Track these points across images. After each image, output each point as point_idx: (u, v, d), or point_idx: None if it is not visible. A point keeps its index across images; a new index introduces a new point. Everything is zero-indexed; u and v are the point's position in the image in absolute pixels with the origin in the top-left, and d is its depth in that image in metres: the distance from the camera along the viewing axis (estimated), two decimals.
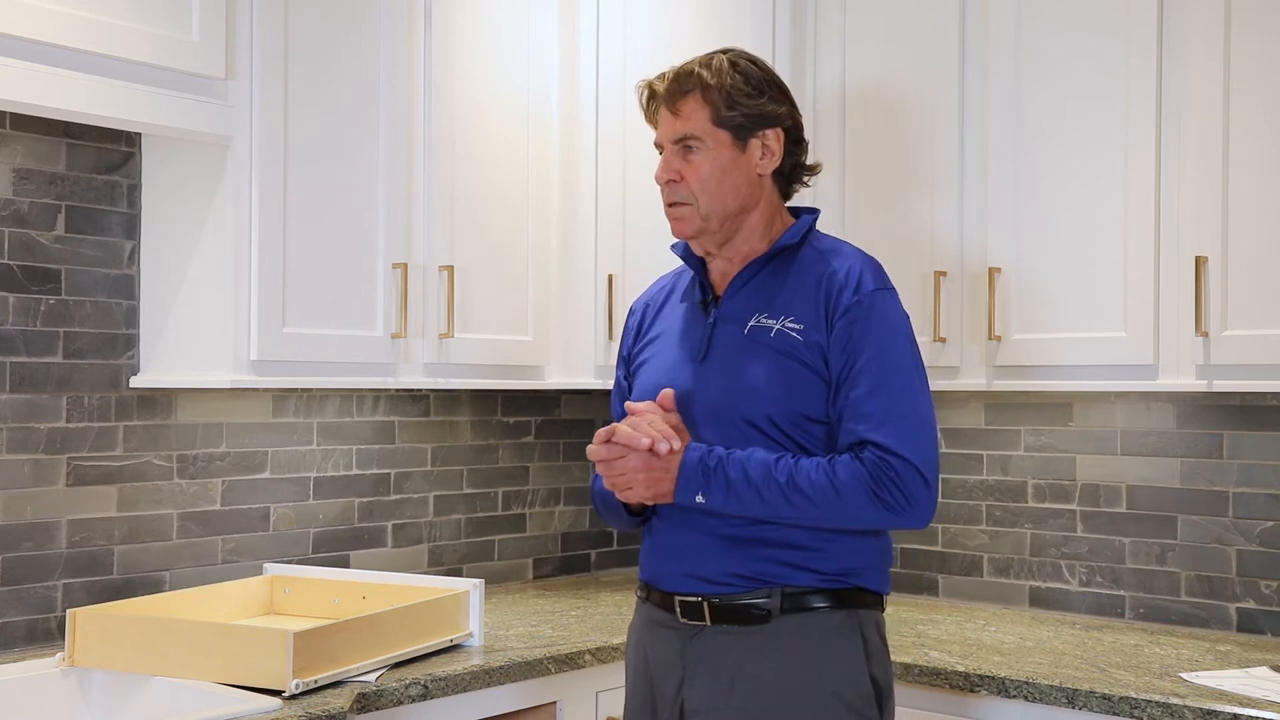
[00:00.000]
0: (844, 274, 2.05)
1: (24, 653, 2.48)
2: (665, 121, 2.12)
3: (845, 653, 2.00)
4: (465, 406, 3.37)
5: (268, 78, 2.55)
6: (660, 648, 2.09)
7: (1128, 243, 2.69)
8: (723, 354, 2.07)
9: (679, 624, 2.06)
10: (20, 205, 2.55)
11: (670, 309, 2.22)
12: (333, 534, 3.08)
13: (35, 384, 2.56)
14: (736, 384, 2.03)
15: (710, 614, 2.02)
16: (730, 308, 2.10)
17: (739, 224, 2.11)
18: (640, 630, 2.16)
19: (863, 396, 1.97)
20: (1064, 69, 2.79)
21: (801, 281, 2.07)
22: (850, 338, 2.00)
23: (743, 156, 2.09)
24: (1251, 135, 2.55)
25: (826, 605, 2.00)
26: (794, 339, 2.02)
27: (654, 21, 3.17)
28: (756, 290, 2.10)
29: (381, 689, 2.28)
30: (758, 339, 2.05)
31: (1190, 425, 2.95)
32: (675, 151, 2.10)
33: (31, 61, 2.22)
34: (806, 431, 2.02)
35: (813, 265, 2.08)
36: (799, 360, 2.01)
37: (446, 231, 2.87)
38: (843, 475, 1.95)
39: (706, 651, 2.02)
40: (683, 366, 2.10)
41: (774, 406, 2.00)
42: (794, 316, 2.03)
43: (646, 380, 2.16)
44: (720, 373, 2.06)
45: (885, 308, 2.03)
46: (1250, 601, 2.87)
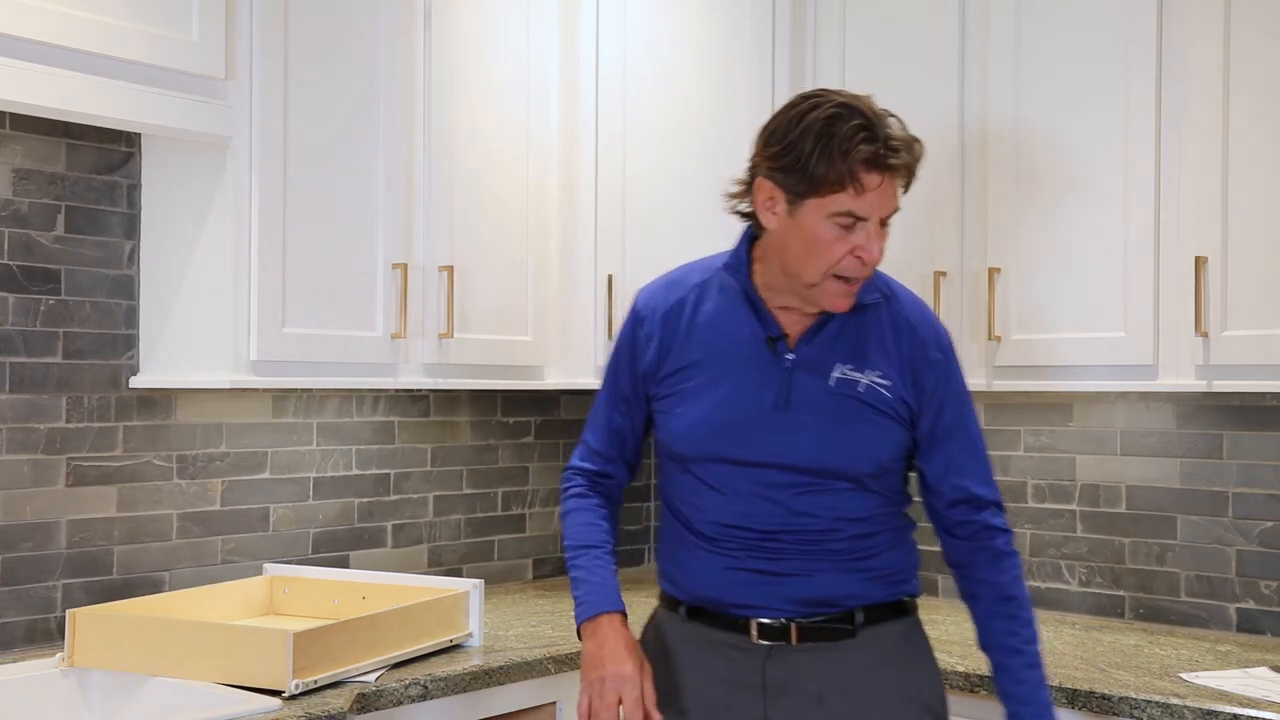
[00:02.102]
0: (922, 328, 2.03)
1: (24, 653, 2.48)
2: (889, 195, 1.89)
3: (919, 657, 2.06)
4: (465, 406, 3.37)
5: (267, 78, 2.55)
6: (724, 667, 2.03)
7: (1128, 243, 2.69)
8: (811, 406, 1.98)
9: (751, 644, 2.02)
10: (20, 205, 2.55)
11: (704, 331, 2.05)
12: (332, 534, 3.08)
13: (35, 384, 2.56)
14: (836, 442, 1.98)
15: (796, 635, 2.01)
16: (808, 354, 1.99)
17: None
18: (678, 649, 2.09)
19: (960, 453, 2.04)
20: (1064, 68, 2.79)
21: (878, 332, 2.01)
22: (938, 395, 2.02)
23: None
24: (1251, 135, 2.55)
25: (893, 615, 2.04)
26: (884, 395, 1.99)
27: (654, 21, 3.17)
28: (835, 338, 2.00)
29: (381, 689, 2.28)
30: (846, 392, 1.98)
31: (1190, 425, 2.95)
32: (879, 229, 1.91)
33: (31, 61, 2.22)
34: (881, 481, 2.03)
35: (884, 314, 2.03)
36: (890, 416, 1.99)
37: (446, 231, 2.87)
38: (1016, 568, 2.06)
39: (790, 669, 2.00)
40: (763, 413, 1.99)
41: (870, 463, 1.99)
42: (880, 371, 2.00)
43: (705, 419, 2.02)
44: (813, 427, 1.98)
45: (958, 363, 2.08)
46: (1250, 602, 2.87)
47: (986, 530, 2.05)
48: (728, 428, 2.00)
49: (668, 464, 2.10)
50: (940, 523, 2.08)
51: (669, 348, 2.06)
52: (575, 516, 2.16)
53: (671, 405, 2.05)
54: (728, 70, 3.17)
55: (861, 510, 2.01)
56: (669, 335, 2.06)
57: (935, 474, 2.05)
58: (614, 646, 2.00)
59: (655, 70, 3.17)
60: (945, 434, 2.03)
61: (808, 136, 1.86)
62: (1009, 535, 2.06)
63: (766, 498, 1.99)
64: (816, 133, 1.85)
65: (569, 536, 2.15)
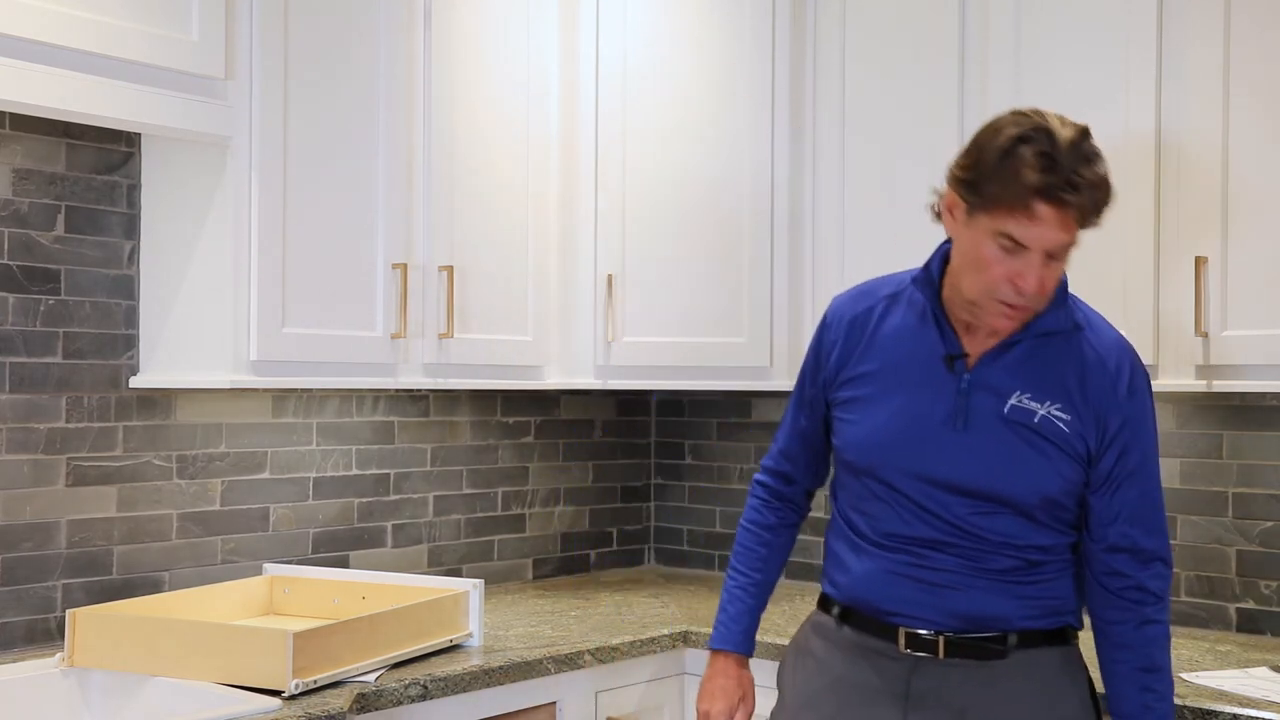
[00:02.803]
0: (1114, 365, 1.99)
1: (24, 653, 2.48)
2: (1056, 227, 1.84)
3: (1072, 689, 2.03)
4: (465, 406, 3.37)
5: (267, 78, 2.55)
6: (868, 673, 2.04)
7: (1127, 243, 2.69)
8: (985, 431, 1.97)
9: (898, 654, 2.02)
10: (20, 205, 2.55)
11: (888, 341, 2.06)
12: (332, 534, 3.08)
13: (35, 384, 2.56)
14: (1008, 470, 1.96)
15: (944, 648, 2.00)
16: (986, 376, 1.98)
17: None
18: (826, 651, 2.11)
19: (1137, 500, 2.00)
20: (1064, 68, 2.79)
21: (1065, 362, 1.98)
22: (1122, 436, 1.98)
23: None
24: (1252, 135, 2.55)
25: (1048, 642, 2.02)
26: (1061, 429, 1.96)
27: (654, 21, 3.17)
28: (1017, 364, 1.98)
29: (381, 689, 2.28)
30: (1021, 421, 1.96)
31: (1190, 425, 2.95)
32: (1045, 260, 1.88)
33: (31, 61, 2.22)
34: (1054, 514, 2.00)
35: (1075, 345, 1.99)
36: (1065, 451, 1.96)
37: (446, 231, 2.87)
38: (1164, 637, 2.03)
39: (935, 683, 2.00)
40: (935, 431, 1.99)
41: (1037, 495, 1.97)
42: (1060, 404, 1.96)
43: (879, 430, 2.03)
44: (986, 452, 1.97)
45: (1151, 402, 2.03)
46: (1250, 601, 2.87)
47: (1139, 591, 2.00)
48: (899, 441, 2.01)
49: (840, 470, 2.14)
50: (1093, 566, 2.03)
51: (850, 355, 2.09)
52: (743, 535, 2.28)
53: (847, 412, 2.08)
54: (728, 70, 3.17)
55: (1029, 539, 1.99)
56: (852, 343, 2.09)
57: (1104, 517, 2.00)
58: (711, 685, 2.25)
59: (655, 70, 3.17)
60: (1126, 478, 1.98)
61: (994, 151, 1.84)
62: (1164, 603, 2.01)
63: (933, 513, 2.00)
64: (1002, 150, 1.83)
65: (734, 551, 2.29)
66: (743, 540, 2.28)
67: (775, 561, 2.27)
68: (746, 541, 2.27)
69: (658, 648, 2.80)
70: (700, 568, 3.75)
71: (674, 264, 3.16)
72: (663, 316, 3.15)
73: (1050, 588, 2.02)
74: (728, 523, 3.69)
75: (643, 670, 2.79)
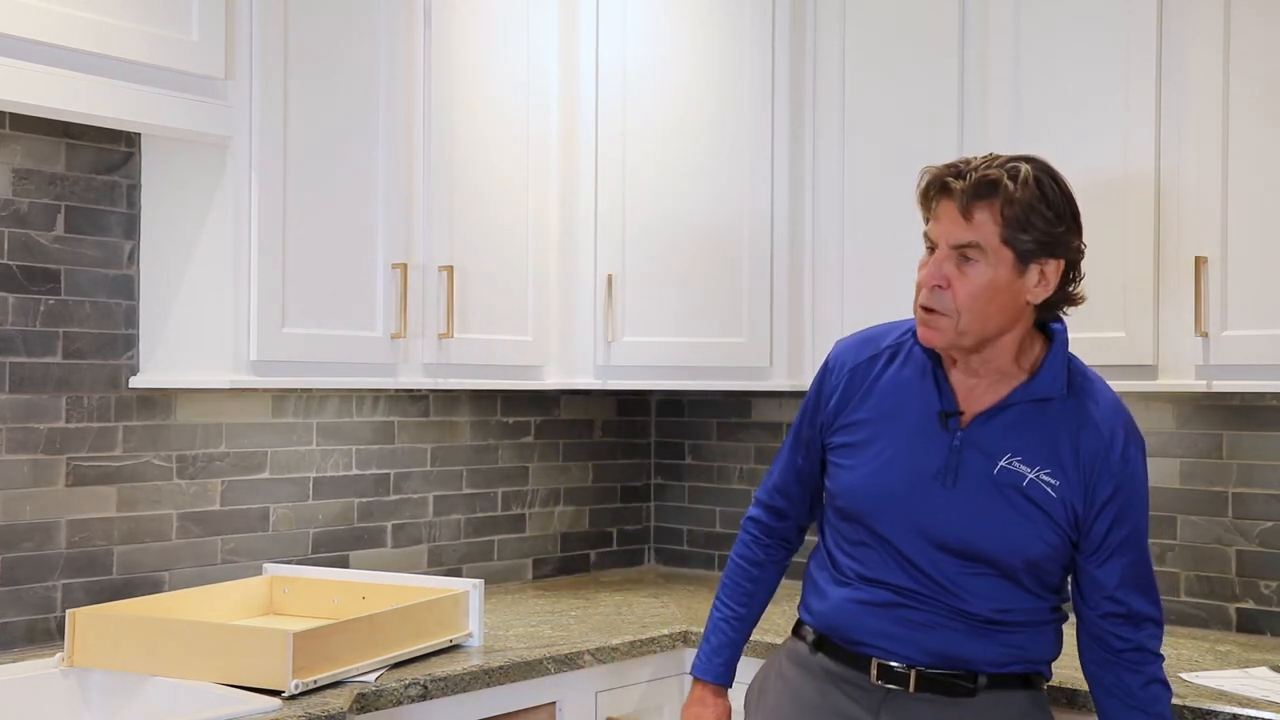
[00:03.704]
0: (1108, 432, 1.98)
1: (24, 653, 2.48)
2: (949, 221, 1.92)
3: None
4: (465, 406, 3.37)
5: (267, 78, 2.55)
6: (840, 702, 2.06)
7: (1127, 243, 2.69)
8: (974, 490, 1.98)
9: (870, 685, 2.03)
10: (20, 205, 2.55)
11: (887, 390, 2.08)
12: (332, 534, 3.08)
13: (35, 384, 2.56)
14: (992, 530, 1.97)
15: (915, 682, 2.01)
16: (979, 436, 1.99)
17: (992, 345, 1.98)
18: (800, 677, 2.12)
19: (1132, 566, 2.01)
20: (1064, 68, 2.79)
21: (1059, 428, 1.98)
22: (1116, 504, 1.98)
23: (1018, 281, 1.93)
24: (1251, 135, 2.54)
25: (1017, 685, 2.04)
26: (1048, 494, 1.97)
27: (654, 22, 3.17)
28: (1010, 427, 1.99)
29: (381, 689, 2.28)
30: (1009, 483, 1.97)
31: (1190, 425, 2.95)
32: (949, 256, 1.93)
33: (31, 61, 2.22)
34: (1036, 578, 2.01)
35: (1069, 410, 1.99)
36: (1051, 516, 1.97)
37: (446, 231, 2.87)
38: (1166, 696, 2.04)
39: (904, 716, 2.01)
40: (924, 485, 2.00)
41: (1020, 558, 1.98)
42: (1050, 470, 1.97)
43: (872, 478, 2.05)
44: (973, 511, 1.98)
45: (1144, 471, 2.03)
46: (1250, 602, 2.87)
47: (1139, 652, 2.02)
48: (889, 492, 2.02)
49: (830, 511, 2.15)
50: (1090, 631, 2.05)
51: (848, 402, 2.11)
52: (732, 569, 2.30)
53: (842, 458, 2.10)
54: (728, 71, 3.17)
55: (1010, 600, 2.01)
56: (852, 390, 2.11)
57: (1098, 583, 2.01)
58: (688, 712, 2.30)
59: (655, 70, 3.17)
60: (1119, 545, 1.99)
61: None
62: (1161, 660, 2.03)
63: (918, 566, 2.01)
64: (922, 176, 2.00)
65: (722, 583, 2.32)
66: (731, 574, 2.30)
67: (760, 598, 2.30)
68: (735, 576, 2.29)
69: (658, 648, 2.80)
70: (700, 568, 3.75)
71: (674, 264, 3.16)
72: (663, 316, 3.15)
73: (1027, 640, 2.04)
74: (728, 523, 3.69)
75: (643, 670, 2.80)
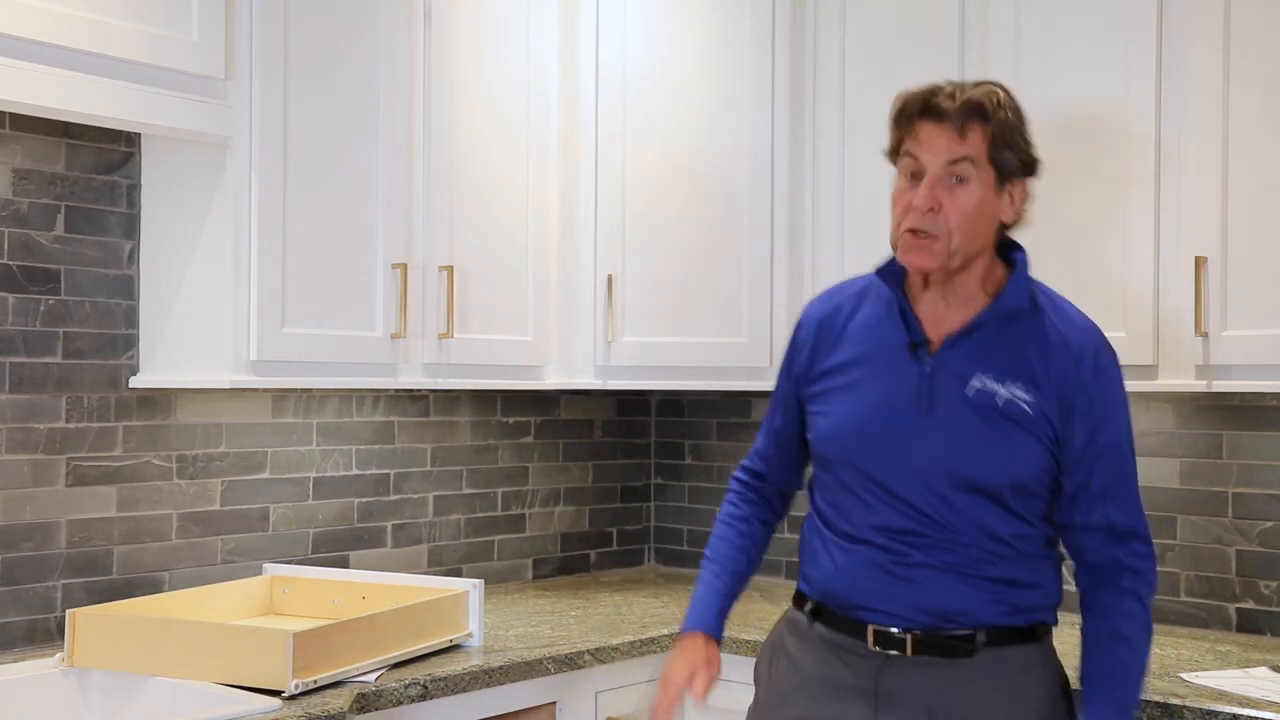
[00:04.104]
0: (1078, 346, 1.99)
1: (24, 653, 2.48)
2: (941, 139, 1.94)
3: (1043, 687, 2.03)
4: (465, 406, 3.37)
5: (267, 78, 2.55)
6: (839, 670, 2.05)
7: (1127, 243, 2.69)
8: (949, 413, 1.98)
9: (867, 651, 2.02)
10: (20, 205, 2.55)
11: (856, 334, 2.10)
12: (332, 534, 3.08)
13: (35, 384, 2.56)
14: (972, 451, 1.97)
15: (912, 646, 2.00)
16: (949, 360, 2.00)
17: (967, 266, 2.00)
18: (798, 647, 2.12)
19: (1109, 477, 1.99)
20: (1063, 67, 2.79)
21: (1028, 344, 1.99)
22: (1090, 415, 1.98)
23: (997, 200, 1.97)
24: (1252, 135, 2.55)
25: (1019, 640, 2.02)
26: (1024, 410, 1.96)
27: (654, 22, 3.17)
28: (978, 346, 1.99)
29: (381, 689, 2.28)
30: (984, 403, 1.97)
31: (1190, 425, 2.95)
32: (941, 179, 1.94)
33: (31, 61, 2.22)
34: (1022, 500, 2.00)
35: (1038, 327, 2.00)
36: (1030, 432, 1.97)
37: (446, 231, 2.87)
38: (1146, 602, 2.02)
39: (903, 681, 2.00)
40: (900, 416, 2.00)
41: (1004, 476, 1.97)
42: (1022, 385, 1.97)
43: (849, 419, 2.05)
44: (950, 435, 1.98)
45: (1119, 383, 2.03)
46: (1250, 602, 2.87)
47: (1115, 565, 2.01)
48: (867, 428, 2.03)
49: (816, 466, 2.15)
50: (1071, 549, 2.05)
51: (820, 351, 2.12)
52: (717, 528, 2.28)
53: (819, 405, 2.11)
54: (728, 70, 3.17)
55: (999, 527, 1.99)
56: (822, 340, 2.13)
57: (1077, 498, 2.00)
58: (675, 659, 2.17)
59: (655, 70, 3.17)
60: (1097, 457, 1.98)
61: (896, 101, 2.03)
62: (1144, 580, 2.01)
63: (901, 499, 2.00)
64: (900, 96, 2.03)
65: (708, 544, 2.29)
66: (716, 532, 2.28)
67: (748, 553, 2.25)
68: (720, 533, 2.27)
69: (658, 648, 2.80)
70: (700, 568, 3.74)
71: (674, 264, 3.16)
72: (663, 316, 3.15)
73: (1022, 586, 2.01)
74: None
75: (643, 670, 2.79)
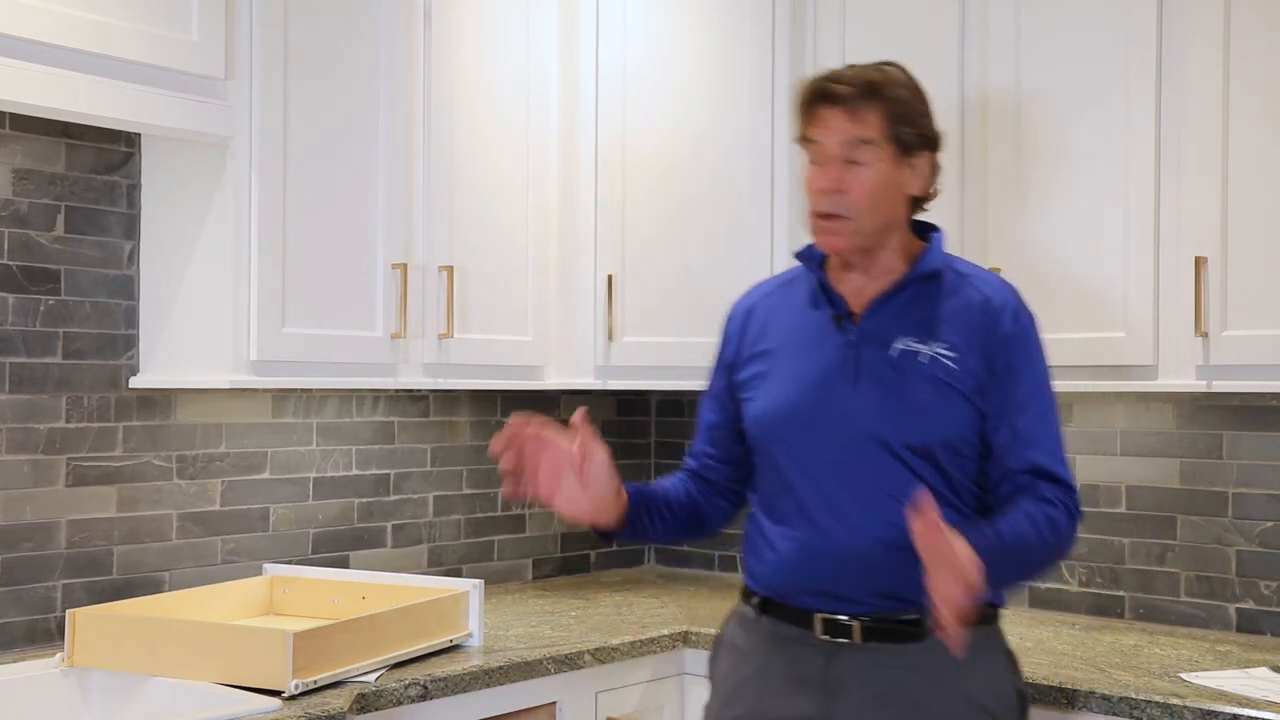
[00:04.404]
0: (999, 303, 2.04)
1: (24, 653, 2.48)
2: (838, 122, 2.02)
3: (991, 667, 2.04)
4: (465, 406, 3.37)
5: (267, 78, 2.55)
6: (788, 662, 2.06)
7: (1128, 243, 2.69)
8: (875, 377, 2.02)
9: (817, 640, 2.03)
10: (20, 205, 2.55)
11: (782, 320, 2.15)
12: (332, 534, 3.08)
13: (35, 384, 2.56)
14: (899, 410, 1.99)
15: (861, 633, 2.01)
16: (872, 328, 2.05)
17: (882, 243, 2.07)
18: (748, 643, 2.13)
19: (1030, 425, 2.01)
20: (1064, 68, 2.79)
21: (947, 305, 2.04)
22: (1012, 367, 2.01)
23: (900, 175, 2.05)
24: (1252, 135, 2.55)
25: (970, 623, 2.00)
26: (949, 366, 2.00)
27: (654, 21, 3.17)
28: (899, 312, 2.05)
29: (381, 689, 2.28)
30: (908, 364, 2.01)
31: (1190, 426, 2.95)
32: (839, 159, 2.02)
33: (31, 61, 2.22)
34: (955, 461, 2.01)
35: (957, 289, 2.06)
36: (954, 388, 1.99)
37: (446, 231, 2.87)
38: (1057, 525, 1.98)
39: (854, 668, 2.01)
40: (827, 386, 2.04)
41: (933, 435, 1.99)
42: (946, 343, 2.01)
43: (775, 397, 2.10)
44: (878, 396, 2.01)
45: (1038, 336, 2.07)
46: (1250, 602, 2.87)
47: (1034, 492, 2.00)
48: (798, 405, 2.06)
49: (754, 455, 2.17)
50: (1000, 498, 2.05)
51: (746, 340, 2.18)
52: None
53: (749, 391, 2.15)
54: (728, 70, 3.17)
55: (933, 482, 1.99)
56: (749, 328, 2.19)
57: (1001, 446, 2.01)
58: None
59: (655, 70, 3.17)
60: (1018, 406, 2.01)
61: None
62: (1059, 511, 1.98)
63: (838, 474, 2.01)
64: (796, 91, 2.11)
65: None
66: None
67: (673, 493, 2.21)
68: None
69: (658, 648, 2.80)
70: (700, 568, 3.75)
71: (674, 264, 3.16)
72: (663, 316, 3.15)
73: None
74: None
75: (642, 670, 2.79)
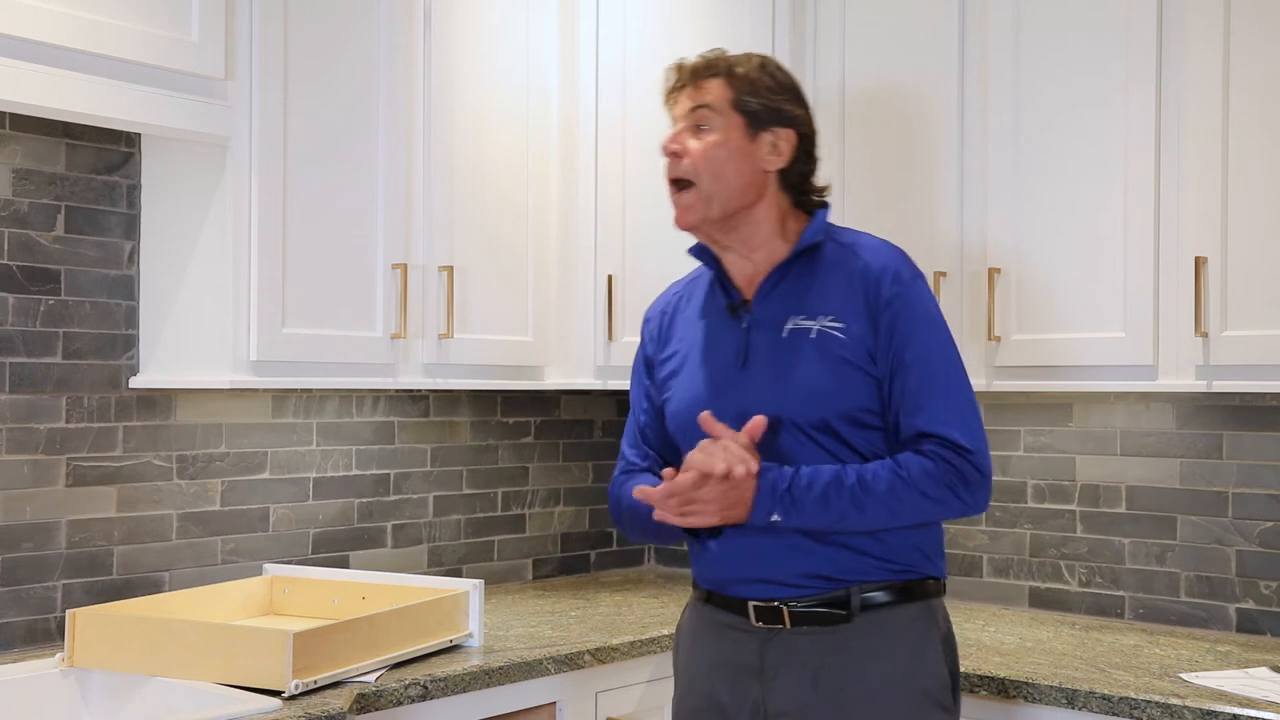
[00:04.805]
0: (879, 267, 2.04)
1: (24, 653, 2.48)
2: (687, 95, 2.12)
3: (923, 645, 2.04)
4: (465, 407, 3.37)
5: (267, 78, 2.55)
6: (731, 650, 2.08)
7: (1128, 243, 2.69)
8: (765, 359, 2.04)
9: (752, 627, 2.05)
10: (20, 205, 2.55)
11: (689, 317, 2.20)
12: (332, 534, 3.08)
13: (35, 384, 2.56)
14: (787, 389, 2.01)
15: (789, 619, 2.02)
16: (763, 311, 2.08)
17: (745, 218, 2.09)
18: (699, 633, 2.16)
19: (915, 388, 1.99)
20: (1064, 69, 2.79)
21: (832, 278, 2.05)
22: (895, 330, 2.00)
23: (751, 146, 2.08)
24: (1251, 135, 2.55)
25: (900, 599, 2.02)
26: (837, 338, 2.00)
27: (654, 21, 3.17)
28: (787, 292, 2.07)
29: (381, 689, 2.28)
30: (798, 341, 2.03)
31: (1190, 426, 2.95)
32: (686, 127, 2.10)
33: (31, 61, 2.22)
34: (861, 435, 2.01)
35: (841, 260, 2.07)
36: (844, 359, 2.00)
37: (446, 231, 2.87)
38: (912, 472, 1.96)
39: (787, 653, 2.02)
40: (723, 375, 2.08)
41: (827, 409, 1.99)
42: (832, 315, 2.02)
43: (684, 393, 2.13)
44: (767, 378, 2.03)
45: (923, 296, 2.05)
46: (1250, 602, 2.87)
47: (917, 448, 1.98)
48: (701, 395, 2.09)
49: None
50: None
51: (660, 341, 2.23)
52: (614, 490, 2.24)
53: (665, 391, 2.19)
54: None
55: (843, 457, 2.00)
56: (663, 328, 2.24)
57: (893, 413, 2.01)
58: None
59: (655, 70, 3.13)
60: (903, 369, 1.99)
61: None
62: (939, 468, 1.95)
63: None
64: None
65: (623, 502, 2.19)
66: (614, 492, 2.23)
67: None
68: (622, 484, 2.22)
69: (658, 648, 2.80)
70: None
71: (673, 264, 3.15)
72: None
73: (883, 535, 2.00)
74: None
75: (642, 670, 2.79)
